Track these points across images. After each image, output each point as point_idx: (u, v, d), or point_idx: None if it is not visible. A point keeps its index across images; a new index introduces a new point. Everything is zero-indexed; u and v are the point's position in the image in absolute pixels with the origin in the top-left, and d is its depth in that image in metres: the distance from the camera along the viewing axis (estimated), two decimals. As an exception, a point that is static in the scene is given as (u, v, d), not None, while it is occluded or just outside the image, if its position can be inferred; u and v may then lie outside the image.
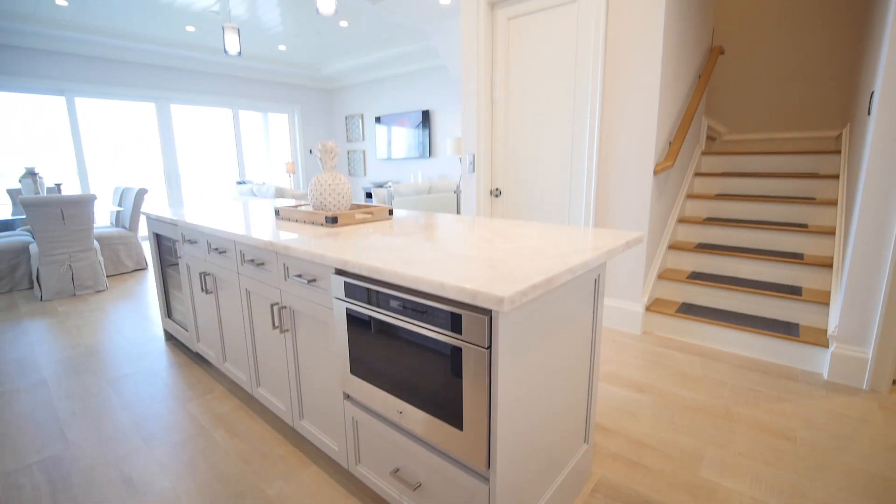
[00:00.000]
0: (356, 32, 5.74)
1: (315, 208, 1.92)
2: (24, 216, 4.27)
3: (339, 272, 1.26)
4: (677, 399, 2.04)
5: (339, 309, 1.27)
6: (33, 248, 3.70)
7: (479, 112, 3.25)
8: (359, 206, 2.17)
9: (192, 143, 7.19)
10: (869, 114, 2.11)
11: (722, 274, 2.87)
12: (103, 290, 3.91)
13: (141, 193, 4.59)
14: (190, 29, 5.52)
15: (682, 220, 3.17)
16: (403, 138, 7.39)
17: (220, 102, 7.20)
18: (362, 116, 8.15)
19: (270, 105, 7.82)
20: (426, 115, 6.97)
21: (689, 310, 2.68)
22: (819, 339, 2.27)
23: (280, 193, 5.24)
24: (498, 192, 3.34)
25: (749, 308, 2.61)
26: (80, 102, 5.90)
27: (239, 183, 7.33)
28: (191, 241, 2.14)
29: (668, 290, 2.88)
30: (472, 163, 3.37)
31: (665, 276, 2.87)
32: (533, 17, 2.91)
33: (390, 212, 1.99)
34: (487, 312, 0.92)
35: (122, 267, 4.51)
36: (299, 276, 1.42)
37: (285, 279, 1.50)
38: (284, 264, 1.49)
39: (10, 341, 2.83)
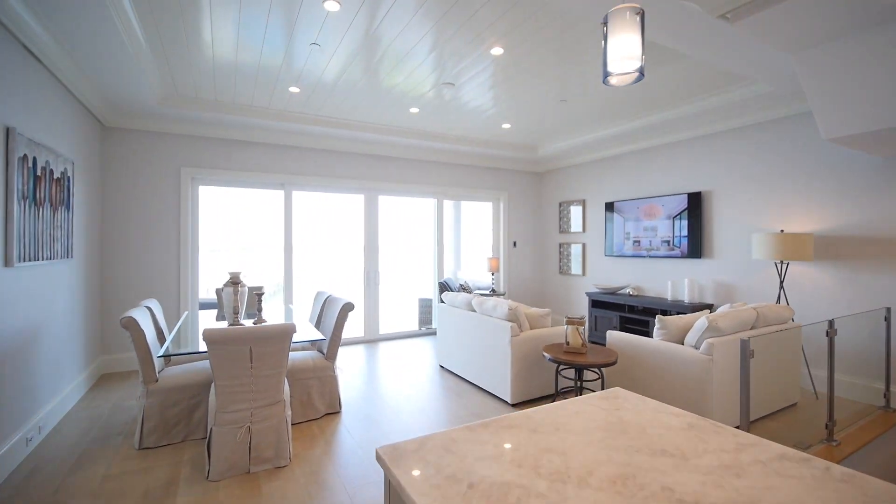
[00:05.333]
0: (613, 98, 4.24)
1: None
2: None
3: None
4: None
5: None
6: (213, 394, 2.65)
7: None
8: None
9: (393, 237, 6.42)
10: None
11: None
12: (284, 466, 2.62)
13: (346, 309, 3.46)
14: (414, 111, 4.72)
15: None
16: (650, 230, 5.43)
17: (425, 192, 6.38)
18: (584, 202, 6.51)
19: (476, 193, 6.78)
20: (695, 200, 4.93)
21: None
22: None
23: (514, 317, 3.63)
24: None
25: None
26: (297, 196, 5.54)
27: (441, 287, 6.17)
28: None
29: None
30: None
31: None
32: None
33: None
34: None
35: (312, 411, 3.30)
36: None
37: None
38: None
39: None
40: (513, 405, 3.61)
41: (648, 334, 5.03)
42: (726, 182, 4.70)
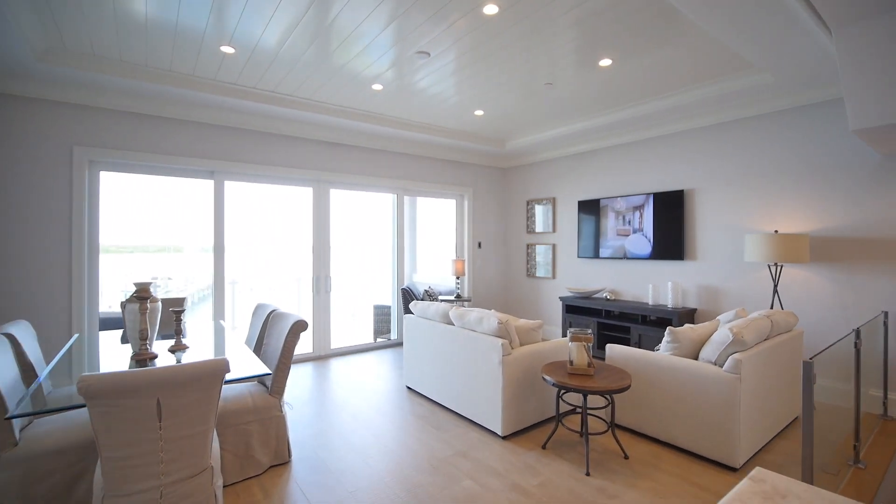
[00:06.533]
0: (594, 88, 3.81)
1: None
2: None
3: None
4: None
5: None
6: (99, 470, 1.81)
7: None
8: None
9: (345, 237, 5.65)
10: None
11: None
12: (212, 561, 1.85)
13: (297, 328, 2.70)
14: (377, 87, 4.01)
15: None
16: (628, 230, 5.10)
17: (384, 186, 5.67)
18: (554, 201, 6.11)
19: (439, 188, 6.16)
20: (676, 199, 4.65)
21: None
22: None
23: (504, 332, 3.06)
24: None
25: None
26: (230, 187, 4.61)
27: (404, 294, 5.49)
28: None
29: None
30: None
31: None
32: None
33: None
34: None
35: (252, 466, 2.52)
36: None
37: None
38: None
39: None
40: (504, 437, 3.03)
41: (629, 341, 4.69)
42: (710, 180, 4.44)
